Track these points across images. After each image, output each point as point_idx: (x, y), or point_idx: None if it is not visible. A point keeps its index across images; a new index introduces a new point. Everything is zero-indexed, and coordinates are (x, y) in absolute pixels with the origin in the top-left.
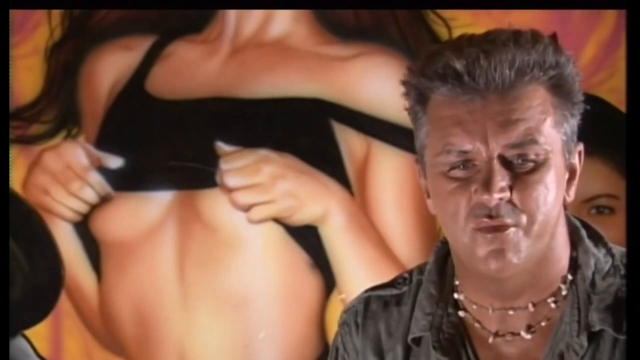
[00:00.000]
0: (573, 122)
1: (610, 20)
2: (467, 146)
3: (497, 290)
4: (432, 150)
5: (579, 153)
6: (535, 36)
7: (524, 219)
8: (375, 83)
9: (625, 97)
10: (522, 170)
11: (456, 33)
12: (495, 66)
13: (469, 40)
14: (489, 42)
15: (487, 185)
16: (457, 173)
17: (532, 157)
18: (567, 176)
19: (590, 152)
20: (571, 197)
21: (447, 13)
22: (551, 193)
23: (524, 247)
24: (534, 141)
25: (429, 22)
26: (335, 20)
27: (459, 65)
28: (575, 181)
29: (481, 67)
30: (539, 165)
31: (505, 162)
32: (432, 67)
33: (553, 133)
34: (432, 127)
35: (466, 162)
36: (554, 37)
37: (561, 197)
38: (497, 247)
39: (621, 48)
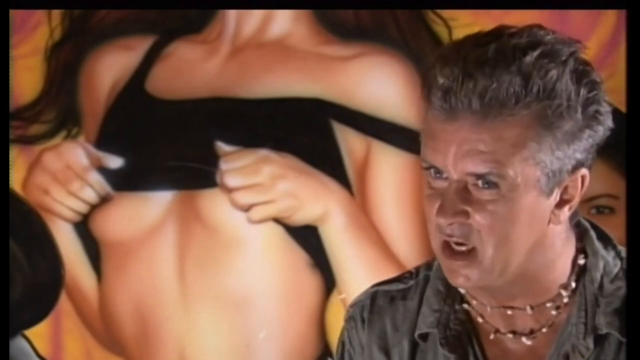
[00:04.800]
0: (562, 153)
1: (610, 20)
2: (437, 162)
3: (488, 292)
4: (420, 151)
5: (582, 178)
6: (541, 58)
7: (482, 243)
8: (375, 83)
9: (625, 97)
10: (484, 197)
11: (456, 33)
12: (468, 93)
13: (465, 52)
14: (480, 62)
15: (442, 208)
16: (434, 182)
17: (495, 189)
18: (555, 201)
19: None
20: (560, 221)
21: (447, 13)
22: (514, 226)
23: (483, 273)
24: (498, 175)
25: (429, 22)
26: (335, 20)
27: (440, 80)
28: (571, 205)
29: (455, 93)
30: (502, 198)
31: (466, 188)
32: (428, 75)
33: (524, 167)
34: (422, 130)
35: (440, 173)
36: (578, 58)
37: (536, 227)
38: (455, 268)
39: (621, 48)
